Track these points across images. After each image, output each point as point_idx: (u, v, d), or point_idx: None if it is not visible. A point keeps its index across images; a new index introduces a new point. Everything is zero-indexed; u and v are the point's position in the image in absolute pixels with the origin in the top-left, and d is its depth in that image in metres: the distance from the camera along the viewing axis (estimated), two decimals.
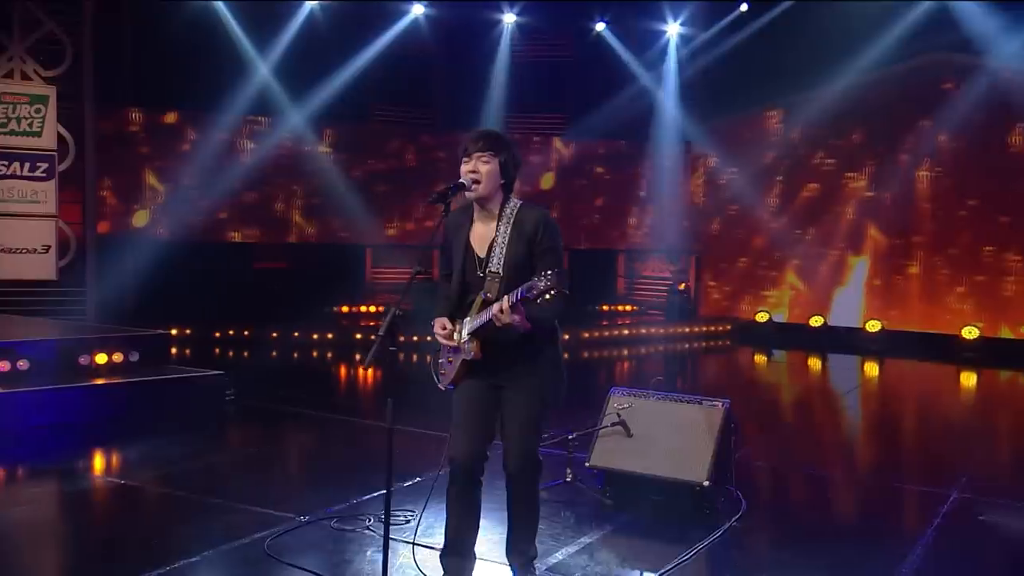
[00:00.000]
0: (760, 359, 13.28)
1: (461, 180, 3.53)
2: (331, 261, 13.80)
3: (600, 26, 14.11)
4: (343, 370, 11.09)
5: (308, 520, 4.75)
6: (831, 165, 13.98)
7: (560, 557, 4.31)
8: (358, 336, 12.09)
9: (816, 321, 14.05)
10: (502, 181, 3.58)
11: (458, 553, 3.71)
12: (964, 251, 13.03)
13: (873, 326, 13.46)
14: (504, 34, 13.89)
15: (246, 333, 11.93)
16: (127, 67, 12.06)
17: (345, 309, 13.27)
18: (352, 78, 12.97)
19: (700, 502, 4.97)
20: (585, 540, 4.63)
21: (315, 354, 11.59)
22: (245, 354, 11.30)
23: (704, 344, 14.02)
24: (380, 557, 4.03)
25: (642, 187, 15.32)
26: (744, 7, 13.60)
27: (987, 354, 12.34)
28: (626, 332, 13.69)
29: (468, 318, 3.58)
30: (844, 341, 13.54)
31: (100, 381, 7.53)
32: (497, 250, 3.54)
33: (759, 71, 13.45)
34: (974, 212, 12.94)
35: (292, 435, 7.30)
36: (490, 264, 3.54)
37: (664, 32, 14.32)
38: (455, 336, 3.61)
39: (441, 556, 3.77)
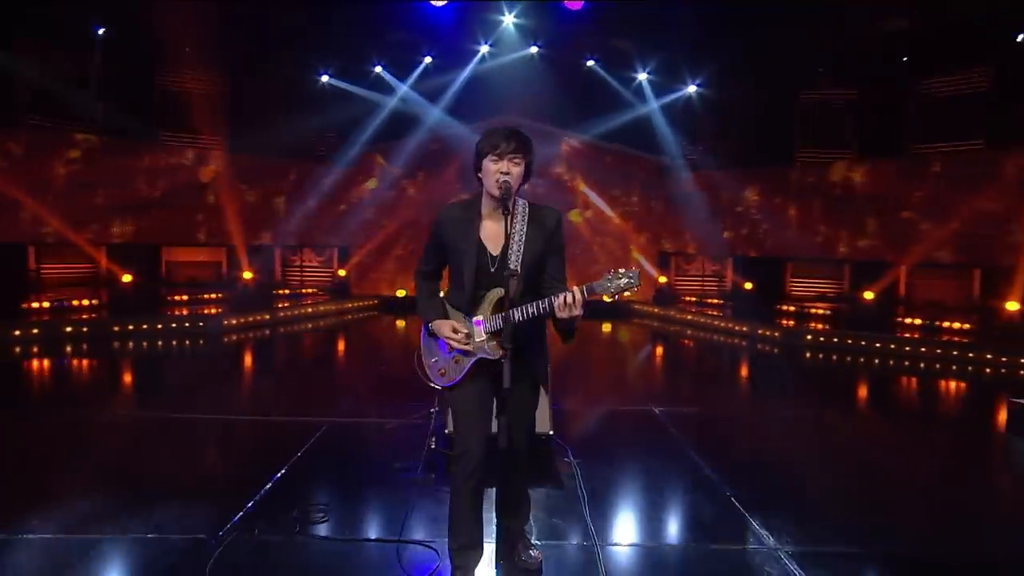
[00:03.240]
0: (401, 323, 13.44)
1: (506, 180, 2.80)
2: None
3: None
4: (83, 364, 8.27)
5: (228, 536, 3.54)
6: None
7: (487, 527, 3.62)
8: (68, 329, 9.33)
9: None
10: (522, 183, 2.91)
11: (472, 546, 3.06)
12: None
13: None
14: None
15: None
16: None
17: (46, 304, 10.17)
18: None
19: (541, 448, 4.77)
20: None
21: (17, 350, 8.60)
22: None
23: (360, 316, 13.77)
24: (341, 564, 3.35)
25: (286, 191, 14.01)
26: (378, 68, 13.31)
27: None
28: (309, 310, 12.73)
29: (480, 316, 2.90)
30: None
31: None
32: (515, 248, 2.85)
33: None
34: None
35: (86, 439, 5.22)
36: (508, 261, 2.81)
37: (319, 80, 13.38)
38: (474, 338, 2.92)
39: (452, 549, 3.06)
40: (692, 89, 13.33)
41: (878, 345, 9.98)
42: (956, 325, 10.84)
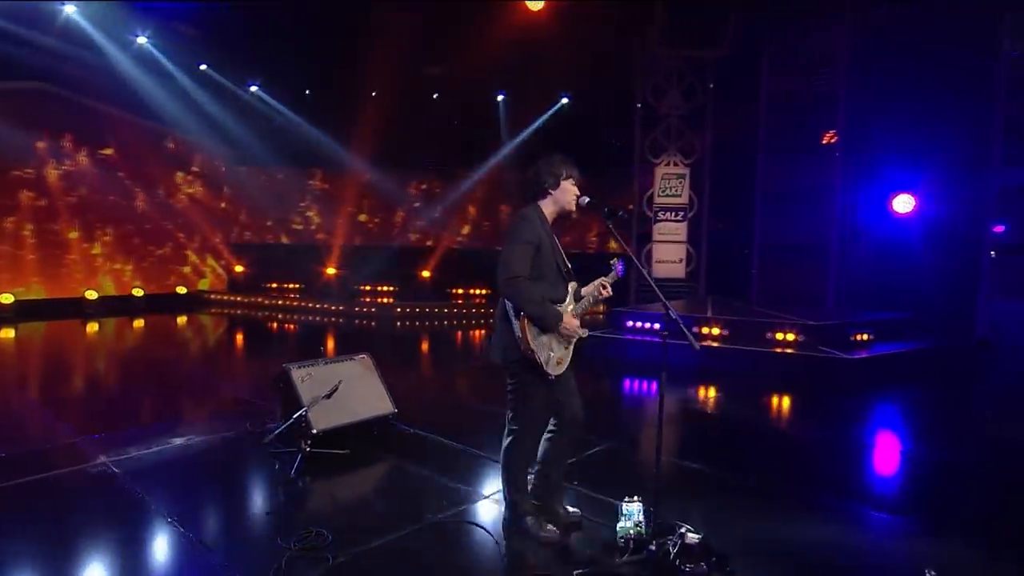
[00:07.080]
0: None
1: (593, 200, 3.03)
2: None
3: None
4: None
5: None
6: None
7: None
8: None
9: None
10: None
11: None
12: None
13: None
14: None
15: None
16: None
17: None
18: None
19: (386, 427, 4.60)
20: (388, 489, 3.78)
21: None
22: None
23: None
24: None
25: None
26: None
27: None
28: None
29: (571, 307, 3.02)
30: None
31: None
32: (559, 248, 3.10)
33: None
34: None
35: None
36: (568, 262, 3.09)
37: None
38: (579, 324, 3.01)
39: (524, 499, 3.07)
40: (253, 89, 12.47)
41: (436, 310, 11.73)
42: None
